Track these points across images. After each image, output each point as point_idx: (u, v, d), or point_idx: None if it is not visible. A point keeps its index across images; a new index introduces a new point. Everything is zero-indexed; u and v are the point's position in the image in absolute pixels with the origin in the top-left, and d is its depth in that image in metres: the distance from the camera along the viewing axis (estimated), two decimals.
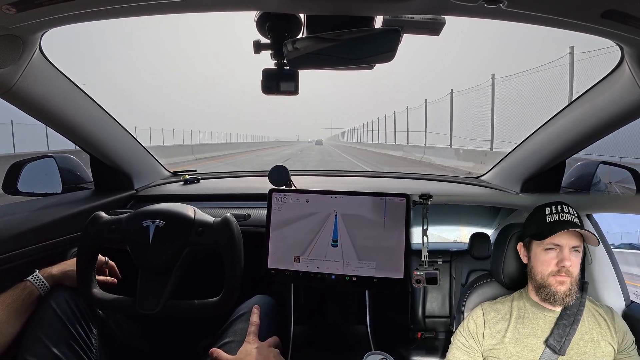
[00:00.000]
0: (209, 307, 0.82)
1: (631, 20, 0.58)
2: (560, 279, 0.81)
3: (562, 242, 0.82)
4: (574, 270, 0.81)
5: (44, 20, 0.66)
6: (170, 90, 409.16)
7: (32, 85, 0.83)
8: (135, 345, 0.96)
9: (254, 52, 0.74)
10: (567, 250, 0.81)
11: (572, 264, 0.81)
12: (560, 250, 0.82)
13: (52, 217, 1.02)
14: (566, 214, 0.84)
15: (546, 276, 0.82)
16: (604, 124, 0.91)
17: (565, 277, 0.80)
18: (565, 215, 0.84)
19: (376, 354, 0.78)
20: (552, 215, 0.85)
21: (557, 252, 0.82)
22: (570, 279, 0.81)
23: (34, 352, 0.74)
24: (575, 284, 0.82)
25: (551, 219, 0.85)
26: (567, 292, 0.80)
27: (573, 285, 0.81)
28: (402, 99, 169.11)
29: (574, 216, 0.83)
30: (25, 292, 0.80)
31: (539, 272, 0.83)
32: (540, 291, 0.83)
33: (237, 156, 20.07)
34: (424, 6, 0.60)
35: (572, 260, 0.81)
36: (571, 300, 0.81)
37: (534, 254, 0.86)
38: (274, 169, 1.14)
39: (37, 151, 9.06)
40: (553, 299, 0.81)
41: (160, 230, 0.83)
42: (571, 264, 0.80)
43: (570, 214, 0.84)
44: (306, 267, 0.94)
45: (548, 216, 0.85)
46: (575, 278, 0.81)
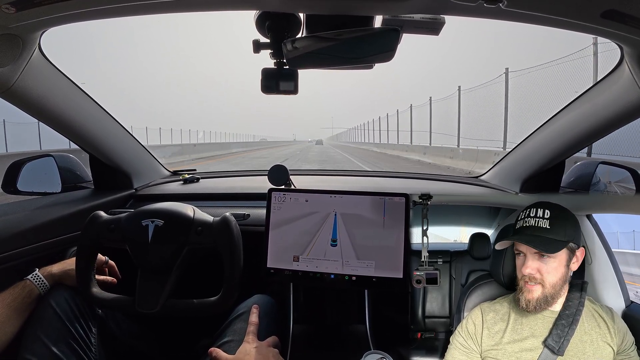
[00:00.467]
0: (208, 306, 0.82)
1: (631, 21, 0.58)
2: (528, 286, 0.79)
3: (523, 249, 0.80)
4: (544, 277, 0.79)
5: (43, 19, 0.66)
6: (169, 90, 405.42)
7: (32, 84, 0.83)
8: (134, 344, 0.96)
9: (254, 52, 0.74)
10: (530, 257, 0.79)
11: (540, 271, 0.79)
12: (523, 256, 0.81)
13: (51, 216, 1.02)
14: (531, 219, 0.82)
15: (520, 280, 0.82)
16: (603, 124, 0.91)
17: (534, 286, 0.79)
18: (530, 219, 0.82)
19: (375, 353, 0.78)
20: (519, 221, 0.84)
21: (523, 258, 0.81)
22: (540, 287, 0.79)
23: (34, 351, 0.74)
24: (553, 291, 0.79)
25: (520, 224, 0.84)
26: (536, 300, 0.79)
27: (546, 295, 0.79)
28: (405, 97, 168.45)
29: (542, 218, 0.81)
30: (25, 291, 0.80)
31: (517, 276, 0.83)
32: (519, 294, 0.82)
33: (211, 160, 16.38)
34: (424, 6, 0.60)
35: (536, 267, 0.79)
36: (540, 310, 0.80)
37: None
38: (273, 169, 1.14)
39: (31, 151, 9.02)
40: (524, 305, 0.80)
41: (160, 230, 0.83)
42: (533, 271, 0.78)
43: (537, 217, 0.81)
44: (305, 266, 0.94)
45: (519, 220, 0.84)
46: (552, 285, 0.79)
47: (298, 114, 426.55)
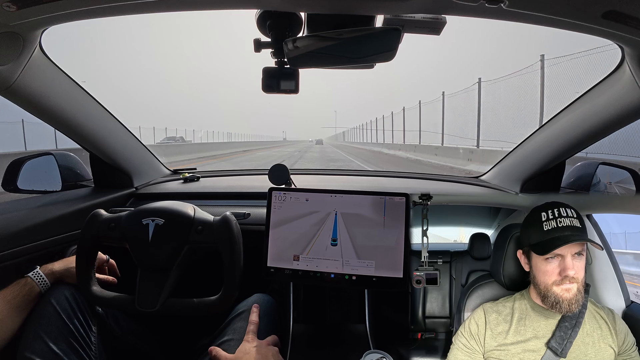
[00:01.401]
0: (208, 305, 0.82)
1: (632, 21, 0.58)
2: (566, 286, 0.78)
3: (564, 251, 0.78)
4: (579, 275, 0.78)
5: (44, 17, 0.66)
6: (167, 88, 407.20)
7: (32, 82, 0.83)
8: (134, 342, 0.96)
9: (255, 51, 0.74)
10: (570, 258, 0.78)
11: (577, 270, 0.78)
12: (562, 259, 0.78)
13: (51, 215, 1.02)
14: (564, 218, 0.79)
15: (550, 285, 0.79)
16: (604, 124, 0.91)
17: (571, 284, 0.78)
18: (564, 220, 0.79)
19: (375, 353, 0.78)
20: (549, 222, 0.80)
21: (559, 261, 0.79)
22: (576, 284, 0.78)
23: (34, 348, 0.74)
24: (582, 287, 0.79)
25: (549, 226, 0.80)
26: (573, 298, 0.78)
27: (580, 290, 0.79)
28: (407, 95, 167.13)
29: (573, 218, 0.80)
30: (25, 289, 0.80)
31: (542, 282, 0.80)
32: (546, 300, 0.80)
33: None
34: (425, 5, 0.60)
35: (575, 267, 0.78)
36: (578, 306, 0.78)
37: (535, 263, 0.82)
38: (273, 168, 1.14)
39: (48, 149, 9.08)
40: (559, 307, 0.78)
41: (160, 229, 0.83)
42: (575, 271, 0.77)
43: (569, 216, 0.80)
44: (305, 265, 0.94)
45: (545, 223, 0.80)
46: (582, 282, 0.79)
47: (298, 114, 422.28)
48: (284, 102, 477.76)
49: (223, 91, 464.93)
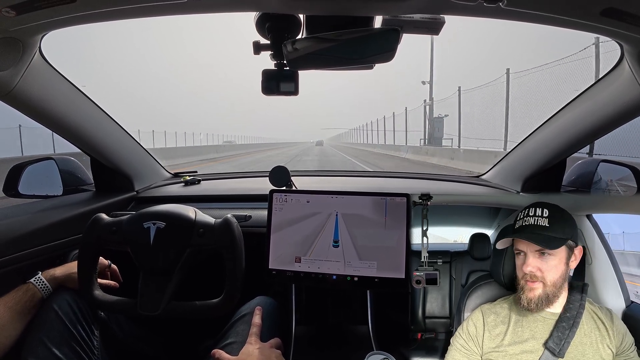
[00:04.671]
0: (210, 308, 0.82)
1: (630, 18, 0.58)
2: (530, 285, 0.80)
3: (523, 248, 0.82)
4: (545, 275, 0.80)
5: (43, 22, 0.66)
6: (167, 89, 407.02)
7: (32, 87, 0.83)
8: (137, 346, 0.96)
9: (254, 53, 0.74)
10: (531, 255, 0.80)
11: (541, 269, 0.79)
12: (524, 255, 0.82)
13: (53, 219, 1.02)
14: (530, 217, 0.83)
15: (520, 280, 0.83)
16: (604, 122, 0.91)
17: (535, 283, 0.80)
18: (529, 219, 0.83)
19: (378, 354, 0.78)
20: (518, 221, 0.85)
21: (523, 257, 0.82)
22: (542, 285, 0.80)
23: (36, 354, 0.74)
24: (554, 289, 0.80)
25: (517, 224, 0.85)
26: (538, 298, 0.80)
27: (548, 293, 0.80)
28: (408, 95, 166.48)
29: (541, 217, 0.82)
30: (27, 294, 0.80)
31: (517, 276, 0.84)
32: (520, 294, 0.83)
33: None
34: (423, 5, 0.60)
35: (536, 265, 0.80)
36: (537, 309, 0.80)
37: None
38: (274, 170, 1.14)
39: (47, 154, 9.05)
40: (526, 304, 0.81)
41: (161, 232, 0.83)
42: (534, 269, 0.79)
43: (536, 215, 0.82)
44: (307, 267, 0.94)
45: (518, 220, 0.86)
46: (552, 283, 0.80)
47: (298, 115, 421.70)
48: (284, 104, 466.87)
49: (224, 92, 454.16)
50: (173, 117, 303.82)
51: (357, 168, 11.41)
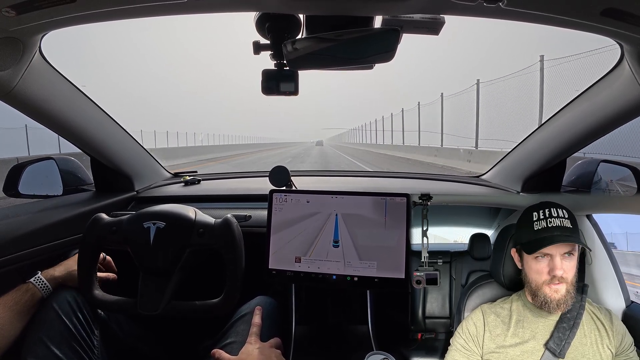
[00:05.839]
0: (210, 308, 0.82)
1: (630, 18, 0.58)
2: (554, 287, 0.79)
3: (552, 251, 0.80)
4: (568, 275, 0.79)
5: (43, 22, 0.66)
6: (167, 89, 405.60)
7: (33, 87, 0.83)
8: (137, 346, 0.96)
9: (254, 53, 0.74)
10: (559, 258, 0.79)
11: (565, 270, 0.79)
12: (551, 258, 0.80)
13: (53, 219, 1.02)
14: (554, 219, 0.81)
15: (540, 284, 0.81)
16: (604, 122, 0.91)
17: (559, 285, 0.79)
18: (554, 220, 0.81)
19: (378, 354, 0.78)
20: (539, 222, 0.83)
21: (547, 260, 0.80)
22: (565, 285, 0.79)
23: (36, 353, 0.74)
24: (572, 287, 0.80)
25: (539, 226, 0.82)
26: (561, 299, 0.79)
27: (569, 291, 0.80)
28: (407, 96, 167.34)
29: (564, 218, 0.81)
30: (27, 294, 0.81)
31: (533, 280, 0.82)
32: (536, 298, 0.82)
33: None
34: (423, 6, 0.60)
35: (564, 267, 0.79)
36: (567, 307, 0.80)
37: (526, 261, 0.84)
38: (274, 170, 1.14)
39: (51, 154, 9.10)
40: (547, 306, 0.80)
41: (161, 232, 0.83)
42: (563, 271, 0.79)
43: (560, 217, 0.81)
44: (307, 267, 0.94)
45: (536, 223, 0.83)
46: (571, 282, 0.80)
47: (299, 116, 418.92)
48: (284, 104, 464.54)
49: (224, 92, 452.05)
50: (173, 117, 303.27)
51: (357, 169, 11.62)
